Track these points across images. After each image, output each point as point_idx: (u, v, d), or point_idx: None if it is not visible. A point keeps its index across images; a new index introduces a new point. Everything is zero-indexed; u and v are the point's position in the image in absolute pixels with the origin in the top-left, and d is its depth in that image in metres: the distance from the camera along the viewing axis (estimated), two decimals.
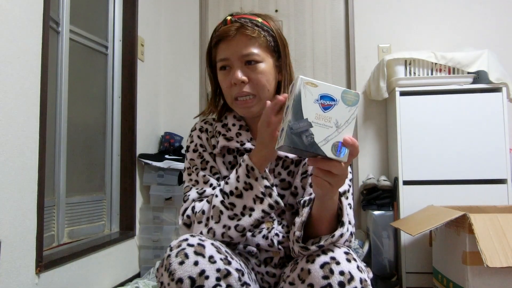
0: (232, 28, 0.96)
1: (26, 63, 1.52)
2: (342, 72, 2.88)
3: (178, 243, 0.83)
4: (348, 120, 0.69)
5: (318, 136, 0.68)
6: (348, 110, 0.69)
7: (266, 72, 0.96)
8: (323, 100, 0.69)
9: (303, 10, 2.94)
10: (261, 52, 0.96)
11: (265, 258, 0.97)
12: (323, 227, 0.84)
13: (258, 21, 0.98)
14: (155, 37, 2.85)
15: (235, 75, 0.94)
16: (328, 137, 0.68)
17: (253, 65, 0.95)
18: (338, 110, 0.68)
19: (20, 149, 1.48)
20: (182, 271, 0.78)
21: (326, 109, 0.69)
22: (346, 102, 0.69)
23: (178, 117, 2.93)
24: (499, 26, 2.71)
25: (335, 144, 0.68)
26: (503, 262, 1.56)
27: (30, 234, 1.53)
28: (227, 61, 0.96)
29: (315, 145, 0.68)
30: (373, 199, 2.47)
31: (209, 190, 0.97)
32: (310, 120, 0.68)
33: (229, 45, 0.96)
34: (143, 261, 2.45)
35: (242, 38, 0.95)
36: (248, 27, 0.96)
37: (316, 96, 0.69)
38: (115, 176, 2.39)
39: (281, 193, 0.98)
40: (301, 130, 0.68)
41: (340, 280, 0.76)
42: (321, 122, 0.68)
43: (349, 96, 0.69)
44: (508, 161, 2.23)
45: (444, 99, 2.32)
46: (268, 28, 0.99)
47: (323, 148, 0.68)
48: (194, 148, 1.04)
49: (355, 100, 0.69)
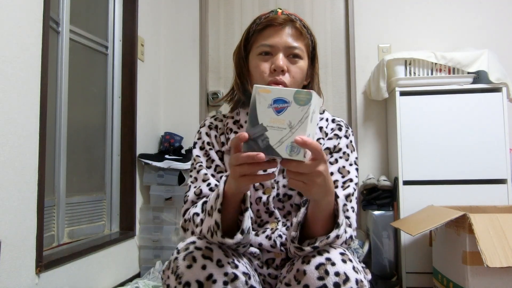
0: (283, 18, 0.98)
1: (26, 63, 1.52)
2: (342, 72, 2.88)
3: (185, 246, 0.83)
4: (301, 119, 0.69)
5: (272, 139, 0.70)
6: (301, 110, 0.70)
7: (303, 70, 0.99)
8: (276, 104, 0.70)
9: (303, 10, 2.93)
10: (304, 50, 0.99)
11: (267, 259, 0.97)
12: (319, 228, 0.83)
13: (305, 23, 1.02)
14: (155, 37, 2.85)
15: (277, 61, 0.95)
16: (282, 139, 0.70)
17: (295, 59, 0.98)
18: (291, 111, 0.70)
19: (20, 149, 1.48)
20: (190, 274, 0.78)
21: (280, 112, 0.70)
22: (298, 103, 0.70)
23: (178, 117, 2.93)
24: (499, 26, 2.71)
25: (289, 145, 0.70)
26: (503, 262, 1.56)
27: (30, 234, 1.53)
28: (271, 47, 0.97)
29: (270, 148, 0.70)
30: (373, 199, 2.47)
31: (205, 190, 0.97)
32: (265, 124, 0.70)
33: (277, 33, 0.98)
34: (143, 261, 2.45)
35: (292, 31, 0.98)
36: (298, 23, 0.99)
37: (270, 101, 0.71)
38: (115, 176, 2.39)
39: (288, 193, 0.98)
40: (257, 135, 0.70)
41: (335, 281, 0.75)
42: (275, 125, 0.70)
43: (301, 96, 0.70)
44: (508, 161, 2.23)
45: (444, 99, 2.32)
46: (311, 33, 1.03)
47: (278, 150, 0.70)
48: (201, 145, 1.05)
49: (307, 99, 0.69)
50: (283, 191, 0.98)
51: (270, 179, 0.77)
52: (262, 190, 0.98)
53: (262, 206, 0.97)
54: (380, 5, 2.81)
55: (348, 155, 1.00)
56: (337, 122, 1.05)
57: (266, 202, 0.97)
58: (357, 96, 2.79)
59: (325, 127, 1.03)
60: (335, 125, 1.04)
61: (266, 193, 0.97)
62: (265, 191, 0.98)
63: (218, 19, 2.99)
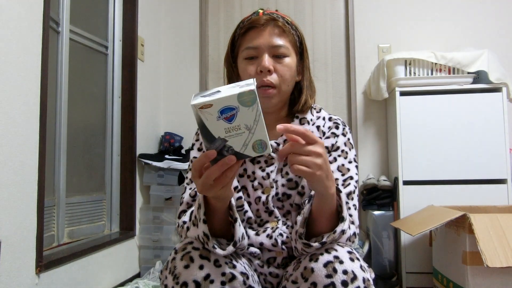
0: (264, 18, 0.98)
1: (26, 63, 1.52)
2: (342, 72, 2.88)
3: (183, 246, 0.83)
4: (255, 118, 0.69)
5: (236, 145, 0.70)
6: (251, 110, 0.69)
7: (291, 67, 0.98)
8: (224, 114, 0.68)
9: (303, 10, 2.94)
10: (289, 47, 0.98)
11: (268, 258, 0.96)
12: (324, 223, 0.83)
13: (288, 19, 1.01)
14: (155, 37, 2.85)
15: (263, 63, 0.95)
16: (246, 142, 0.70)
17: (281, 58, 0.97)
18: (242, 115, 0.68)
19: (20, 149, 1.48)
20: (187, 274, 0.78)
21: (231, 120, 0.69)
22: (246, 105, 0.68)
23: (178, 117, 2.93)
24: (499, 26, 2.71)
25: (254, 144, 0.70)
26: (503, 262, 1.56)
27: (30, 234, 1.53)
28: (256, 50, 0.97)
29: (238, 154, 0.70)
30: (373, 199, 2.47)
31: None
32: (222, 136, 0.69)
33: (260, 34, 0.97)
34: (143, 261, 2.45)
35: (274, 30, 0.97)
36: (280, 21, 0.98)
37: (216, 113, 0.68)
38: (115, 176, 2.39)
39: (288, 192, 0.98)
40: (219, 149, 0.70)
41: (343, 279, 0.75)
42: (233, 132, 0.69)
43: (245, 98, 0.68)
44: (508, 161, 2.23)
45: (444, 99, 2.32)
46: (295, 28, 1.02)
47: (246, 153, 0.70)
48: (198, 147, 1.05)
49: (252, 98, 0.68)
50: (282, 190, 0.97)
51: (242, 161, 0.75)
52: (262, 190, 0.98)
53: (262, 206, 0.97)
54: (380, 5, 2.81)
55: (346, 153, 0.99)
56: (334, 120, 1.04)
57: (266, 201, 0.97)
58: (357, 96, 2.79)
59: (322, 125, 1.03)
60: (332, 123, 1.03)
61: (265, 193, 0.97)
62: (264, 190, 0.98)
63: (218, 19, 2.99)
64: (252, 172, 0.99)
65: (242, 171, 1.00)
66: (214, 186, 0.73)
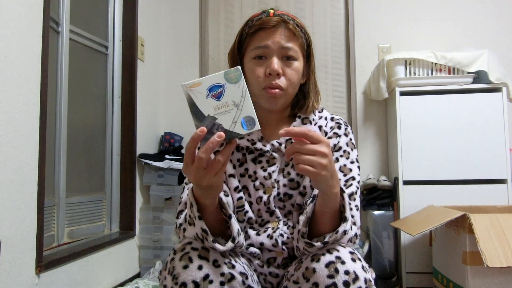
0: (275, 20, 0.96)
1: (26, 63, 1.52)
2: (342, 72, 2.88)
3: (182, 246, 0.83)
4: (242, 94, 0.73)
5: (226, 123, 0.72)
6: (238, 87, 0.73)
7: (298, 71, 0.98)
8: (213, 92, 0.73)
9: (303, 10, 2.94)
10: (298, 50, 0.98)
11: (268, 259, 0.96)
12: (326, 223, 0.83)
13: (298, 21, 1.00)
14: (155, 37, 2.85)
15: (272, 65, 0.94)
16: (234, 119, 0.73)
17: (290, 61, 0.96)
18: (229, 92, 0.73)
19: (20, 149, 1.48)
20: (186, 275, 0.78)
21: (219, 97, 0.73)
22: (232, 82, 0.73)
23: (178, 117, 2.93)
24: (499, 26, 2.71)
25: (243, 120, 0.73)
26: (503, 262, 1.56)
27: (30, 234, 1.53)
28: (265, 50, 0.96)
29: (228, 132, 0.72)
30: (373, 199, 2.47)
31: None
32: (212, 114, 0.72)
33: (271, 35, 0.96)
34: (143, 261, 2.45)
35: (285, 32, 0.96)
36: (291, 23, 0.97)
37: (205, 91, 0.73)
38: (115, 176, 2.39)
39: (289, 192, 0.98)
40: (209, 127, 0.72)
41: (345, 280, 0.76)
42: (222, 110, 0.73)
43: (231, 75, 0.73)
44: (508, 161, 2.23)
45: (444, 99, 2.32)
46: (305, 31, 1.01)
47: (236, 130, 0.73)
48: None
49: (238, 75, 0.73)
50: (284, 190, 0.97)
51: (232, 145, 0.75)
52: (263, 190, 0.98)
53: (263, 206, 0.97)
54: (380, 5, 2.81)
55: (348, 153, 0.99)
56: (336, 120, 1.04)
57: (267, 201, 0.97)
58: (357, 96, 2.79)
59: (324, 125, 1.02)
60: (334, 123, 1.03)
61: (267, 193, 0.97)
62: (265, 190, 0.98)
63: (218, 19, 2.99)
64: (253, 172, 0.99)
65: (244, 171, 1.00)
66: (207, 173, 0.73)
